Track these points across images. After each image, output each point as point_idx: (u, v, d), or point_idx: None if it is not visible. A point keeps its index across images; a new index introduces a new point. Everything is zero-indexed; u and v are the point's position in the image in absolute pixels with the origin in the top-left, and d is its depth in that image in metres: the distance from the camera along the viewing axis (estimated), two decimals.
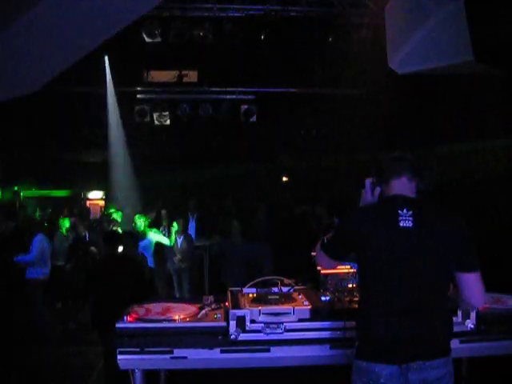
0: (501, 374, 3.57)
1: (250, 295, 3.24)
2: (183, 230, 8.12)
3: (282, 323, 2.85)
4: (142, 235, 7.67)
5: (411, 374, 2.31)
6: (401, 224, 2.36)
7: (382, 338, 2.34)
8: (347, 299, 3.05)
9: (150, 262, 7.49)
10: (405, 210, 2.38)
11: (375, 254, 2.38)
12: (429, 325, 2.35)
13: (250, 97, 10.60)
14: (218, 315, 2.99)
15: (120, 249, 5.35)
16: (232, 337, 2.80)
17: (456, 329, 2.75)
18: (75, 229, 8.31)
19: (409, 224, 2.36)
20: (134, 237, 6.58)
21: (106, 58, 9.88)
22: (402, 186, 2.50)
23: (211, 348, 2.84)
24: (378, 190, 2.63)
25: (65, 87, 9.19)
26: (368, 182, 2.69)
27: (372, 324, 2.38)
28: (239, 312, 2.84)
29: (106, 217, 9.55)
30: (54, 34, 5.54)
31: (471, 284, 2.39)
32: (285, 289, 3.39)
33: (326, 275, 3.34)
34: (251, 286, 3.36)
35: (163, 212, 9.06)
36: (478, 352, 3.02)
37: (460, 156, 7.83)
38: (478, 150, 7.42)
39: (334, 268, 3.18)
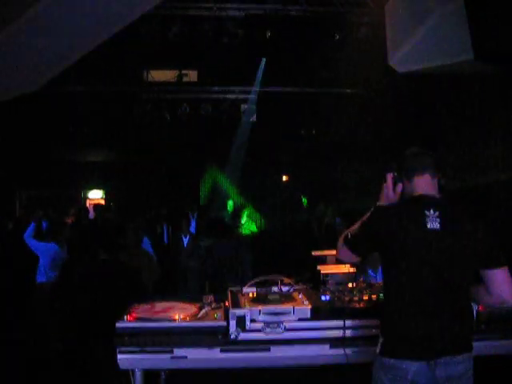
0: (501, 373, 3.57)
1: (250, 295, 3.24)
2: (187, 230, 8.17)
3: (282, 323, 2.86)
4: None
5: (438, 369, 2.33)
6: (428, 225, 2.37)
7: (410, 336, 2.36)
8: (347, 299, 3.05)
9: None
10: (431, 211, 2.39)
11: (402, 254, 2.39)
12: (454, 322, 2.38)
13: (250, 96, 10.59)
14: (218, 315, 2.98)
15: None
16: (232, 336, 2.80)
17: None
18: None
19: (436, 226, 2.37)
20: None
21: None
22: (425, 183, 2.50)
23: (211, 347, 2.84)
24: (399, 186, 2.61)
25: (64, 86, 9.19)
26: (389, 176, 2.66)
27: (399, 322, 2.40)
28: (239, 311, 2.84)
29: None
30: (53, 33, 5.53)
31: (501, 279, 2.41)
32: (285, 288, 3.38)
33: (326, 275, 3.34)
34: (251, 286, 3.36)
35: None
36: (478, 351, 3.01)
37: (460, 158, 7.83)
38: (478, 151, 7.41)
39: (355, 262, 3.16)
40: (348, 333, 2.80)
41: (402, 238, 2.38)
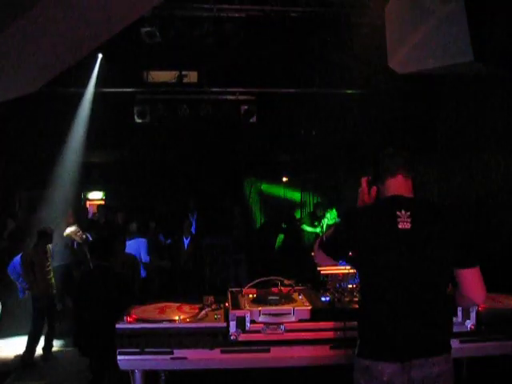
0: (500, 374, 3.57)
1: (250, 296, 3.24)
2: (189, 231, 8.19)
3: (282, 324, 2.86)
4: None
5: (414, 370, 2.33)
6: (399, 226, 2.37)
7: (384, 337, 2.37)
8: (347, 299, 3.06)
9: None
10: (403, 211, 2.39)
11: (375, 255, 2.40)
12: (429, 323, 2.37)
13: (250, 97, 10.58)
14: (218, 316, 2.99)
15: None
16: (232, 337, 2.80)
17: (456, 329, 2.76)
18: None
19: (407, 226, 2.37)
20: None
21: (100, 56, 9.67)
22: (398, 184, 2.51)
23: (211, 348, 2.84)
24: (374, 189, 2.63)
25: (64, 87, 9.19)
26: (364, 180, 2.69)
27: (373, 324, 2.41)
28: (239, 312, 2.84)
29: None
30: (53, 34, 5.53)
31: (471, 279, 2.41)
32: (285, 289, 3.39)
33: (326, 275, 3.34)
34: (251, 287, 3.36)
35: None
36: (478, 352, 3.03)
37: (461, 160, 7.82)
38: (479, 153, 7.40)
39: (332, 266, 3.19)
40: (348, 333, 2.80)
41: (373, 239, 2.39)
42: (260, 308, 2.91)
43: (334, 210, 9.56)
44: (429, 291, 2.38)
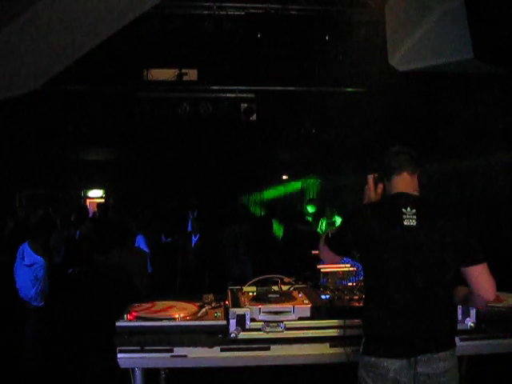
0: (500, 372, 3.57)
1: (250, 294, 3.24)
2: (197, 229, 8.20)
3: (282, 322, 2.86)
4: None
5: (420, 366, 2.34)
6: (405, 223, 2.39)
7: (390, 334, 2.37)
8: (347, 297, 3.05)
9: None
10: (408, 209, 2.41)
11: (380, 252, 2.41)
12: (435, 319, 2.38)
13: (250, 95, 10.58)
14: (218, 314, 2.99)
15: None
16: (232, 335, 2.80)
17: None
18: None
19: (412, 223, 2.38)
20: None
21: None
22: (403, 182, 2.52)
23: (211, 346, 2.84)
24: (380, 186, 2.64)
25: (64, 85, 9.19)
26: (370, 177, 2.70)
27: (378, 321, 2.41)
28: (239, 310, 2.84)
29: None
30: (53, 32, 5.53)
31: (479, 276, 2.41)
32: (285, 287, 3.39)
33: (326, 273, 3.34)
34: (251, 285, 3.36)
35: None
36: (478, 350, 3.03)
37: (462, 158, 7.82)
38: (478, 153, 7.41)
39: (337, 263, 3.20)
40: (348, 332, 2.80)
41: (378, 235, 2.40)
42: (260, 306, 2.91)
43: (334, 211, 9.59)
44: (434, 288, 2.39)
